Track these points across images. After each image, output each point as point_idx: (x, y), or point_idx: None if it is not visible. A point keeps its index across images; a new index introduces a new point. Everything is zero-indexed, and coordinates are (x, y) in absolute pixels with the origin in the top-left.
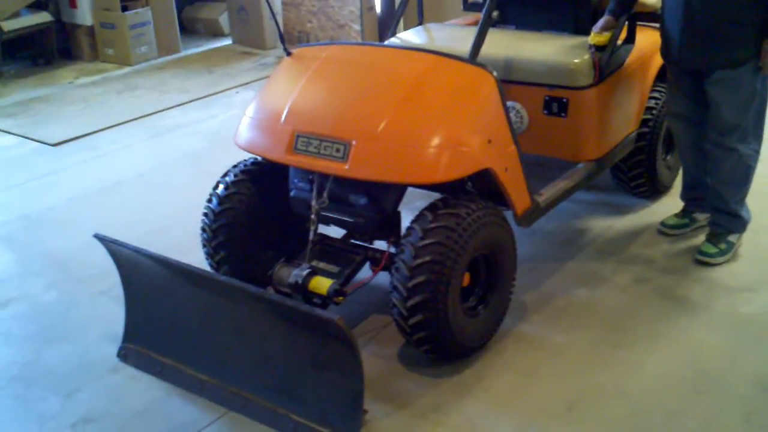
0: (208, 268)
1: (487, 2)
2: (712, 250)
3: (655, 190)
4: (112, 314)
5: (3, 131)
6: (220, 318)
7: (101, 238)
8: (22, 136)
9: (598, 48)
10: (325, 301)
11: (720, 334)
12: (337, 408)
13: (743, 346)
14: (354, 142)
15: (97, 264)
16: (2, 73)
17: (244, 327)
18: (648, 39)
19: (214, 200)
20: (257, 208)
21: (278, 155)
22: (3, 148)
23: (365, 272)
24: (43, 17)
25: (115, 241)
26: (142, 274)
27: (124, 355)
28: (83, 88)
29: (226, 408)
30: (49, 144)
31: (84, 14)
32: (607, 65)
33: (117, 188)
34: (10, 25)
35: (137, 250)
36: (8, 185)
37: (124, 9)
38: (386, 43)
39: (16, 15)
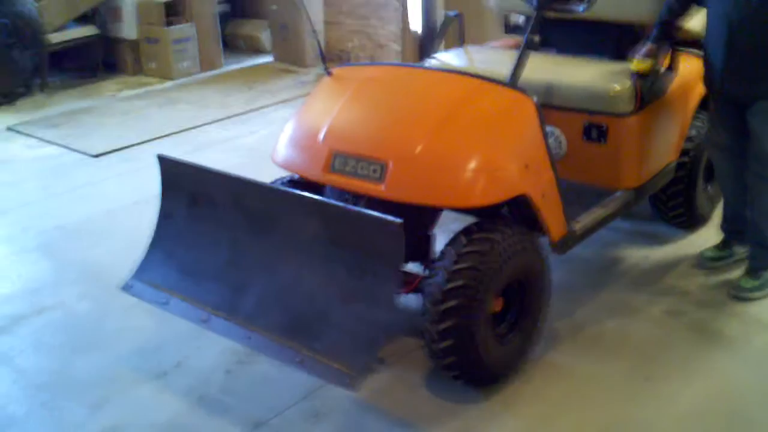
0: None
1: (529, 26)
2: (750, 284)
3: (693, 221)
4: (144, 326)
5: (47, 141)
6: (259, 245)
7: (162, 158)
8: (65, 147)
9: (640, 75)
10: None
11: (755, 371)
12: (354, 343)
13: None
14: (391, 164)
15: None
16: (48, 84)
17: (282, 253)
18: (691, 67)
19: None
20: None
21: (315, 174)
22: (46, 158)
23: None
24: (89, 30)
25: (175, 160)
26: (188, 199)
27: (129, 287)
28: (125, 101)
29: (229, 339)
30: (90, 155)
31: (129, 28)
32: (649, 93)
33: (154, 201)
34: (57, 38)
35: (197, 167)
36: (49, 194)
37: (168, 24)
38: (425, 64)
39: (63, 28)
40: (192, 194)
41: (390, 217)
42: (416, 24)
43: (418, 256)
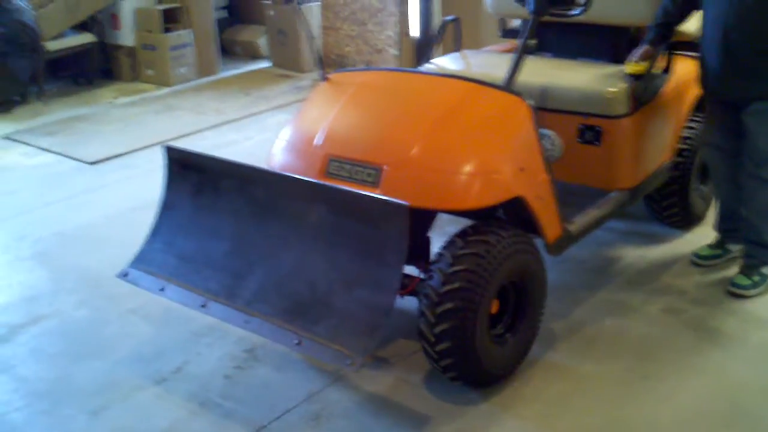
0: None
1: (526, 30)
2: (746, 282)
3: (688, 220)
4: (142, 333)
5: (43, 149)
6: (263, 232)
7: (169, 148)
8: (62, 154)
9: (635, 77)
10: None
11: (753, 367)
12: (355, 327)
13: None
14: (386, 167)
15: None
16: (45, 92)
17: (285, 239)
18: (685, 69)
19: None
20: None
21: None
22: (43, 166)
23: None
24: (87, 38)
25: (182, 149)
26: (193, 189)
27: (125, 274)
28: (122, 108)
29: (227, 323)
30: (87, 162)
31: (126, 35)
32: (643, 95)
33: (151, 207)
34: (54, 45)
35: (205, 156)
36: (46, 202)
37: (166, 31)
38: (422, 68)
39: (60, 35)
40: (197, 183)
41: (396, 200)
42: (414, 29)
43: (415, 258)
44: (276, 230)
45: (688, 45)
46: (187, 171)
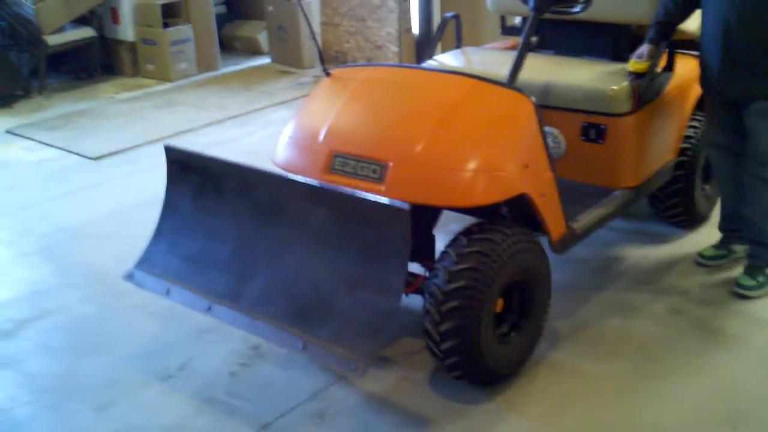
0: None
1: (527, 27)
2: (750, 282)
3: (692, 220)
4: (147, 329)
5: (45, 144)
6: (265, 234)
7: (169, 148)
8: (64, 149)
9: (638, 75)
10: None
11: (757, 368)
12: (359, 330)
13: None
14: (390, 164)
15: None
16: (46, 86)
17: (288, 241)
18: (687, 67)
19: None
20: None
21: (315, 175)
22: (45, 161)
23: None
24: (87, 32)
25: (183, 149)
26: (194, 189)
27: (131, 276)
28: (123, 103)
29: (233, 326)
30: (89, 157)
31: (126, 30)
32: (646, 93)
33: (155, 203)
34: (54, 40)
35: (205, 156)
36: (49, 197)
37: (166, 26)
38: (424, 65)
39: (60, 30)
40: (199, 184)
41: (398, 203)
42: (414, 25)
43: (419, 256)
44: (279, 232)
45: (691, 43)
46: (188, 171)
